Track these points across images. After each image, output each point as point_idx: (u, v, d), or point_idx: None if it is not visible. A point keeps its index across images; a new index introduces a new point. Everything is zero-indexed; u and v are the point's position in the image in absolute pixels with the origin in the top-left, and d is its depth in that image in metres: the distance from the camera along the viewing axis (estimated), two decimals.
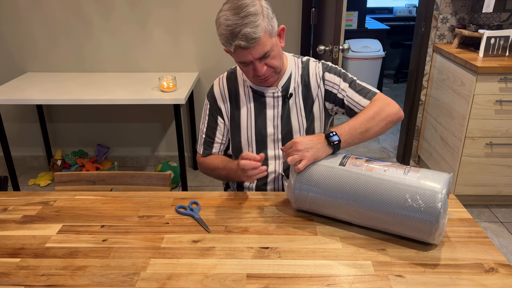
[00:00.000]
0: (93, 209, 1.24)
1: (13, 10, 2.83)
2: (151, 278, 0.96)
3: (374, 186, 1.04)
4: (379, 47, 4.44)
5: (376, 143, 3.71)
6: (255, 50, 1.21)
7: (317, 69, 1.42)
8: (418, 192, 1.00)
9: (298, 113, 1.41)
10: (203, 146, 1.47)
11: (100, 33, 2.89)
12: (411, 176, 1.04)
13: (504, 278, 0.95)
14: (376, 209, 1.04)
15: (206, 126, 1.46)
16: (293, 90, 1.40)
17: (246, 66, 1.27)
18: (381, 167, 1.08)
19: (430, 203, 0.98)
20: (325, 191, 1.10)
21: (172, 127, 3.17)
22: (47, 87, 2.65)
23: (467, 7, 2.79)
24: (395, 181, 1.03)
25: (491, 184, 2.58)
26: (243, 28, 1.17)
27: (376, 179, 1.05)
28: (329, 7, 2.34)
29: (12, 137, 3.12)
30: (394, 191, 1.02)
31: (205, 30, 2.87)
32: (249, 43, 1.19)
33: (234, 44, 1.20)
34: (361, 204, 1.06)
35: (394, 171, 1.06)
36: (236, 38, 1.19)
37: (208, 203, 1.27)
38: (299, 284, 0.94)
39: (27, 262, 1.02)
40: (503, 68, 2.31)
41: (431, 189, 0.99)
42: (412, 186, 1.01)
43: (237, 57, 1.26)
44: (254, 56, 1.23)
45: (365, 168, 1.08)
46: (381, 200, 1.03)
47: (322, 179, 1.11)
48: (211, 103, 1.44)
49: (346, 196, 1.08)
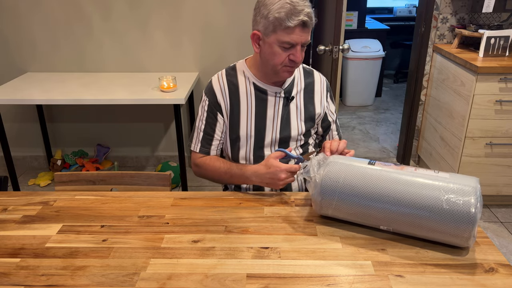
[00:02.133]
0: (93, 209, 1.24)
1: (13, 10, 2.83)
2: (151, 278, 0.96)
3: (402, 187, 1.02)
4: (379, 47, 4.44)
5: (376, 143, 3.71)
6: (307, 33, 1.25)
7: (323, 82, 1.48)
8: (452, 189, 0.98)
9: (298, 116, 1.42)
10: (201, 143, 1.43)
11: (100, 33, 2.89)
12: (443, 174, 1.03)
13: (504, 278, 0.95)
14: (409, 211, 1.00)
15: (205, 122, 1.43)
16: (295, 94, 1.42)
17: (285, 50, 1.27)
18: (411, 168, 1.07)
19: (468, 196, 0.97)
20: (354, 190, 1.05)
21: (172, 127, 3.17)
22: (47, 87, 2.65)
23: (467, 7, 2.79)
24: (427, 180, 1.02)
25: (491, 184, 2.58)
26: (305, 7, 1.21)
27: (405, 179, 1.03)
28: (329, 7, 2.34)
29: (12, 137, 3.12)
30: (424, 193, 1.00)
31: (205, 30, 2.87)
32: (311, 21, 1.23)
33: (298, 19, 1.20)
34: (393, 205, 1.02)
35: (424, 171, 1.05)
36: (301, 14, 1.20)
37: (208, 203, 1.27)
38: (299, 284, 0.94)
39: (27, 262, 1.02)
40: (503, 68, 2.31)
41: (466, 184, 0.99)
42: (445, 184, 1.00)
43: (287, 36, 1.23)
44: (302, 40, 1.25)
45: (395, 168, 1.07)
46: (416, 200, 1.00)
47: (351, 178, 1.06)
48: (210, 99, 1.41)
49: (377, 196, 1.03)
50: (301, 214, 1.20)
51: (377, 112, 4.46)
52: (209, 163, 1.41)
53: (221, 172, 1.38)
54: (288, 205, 1.25)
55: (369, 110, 4.51)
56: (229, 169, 1.36)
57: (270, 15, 1.22)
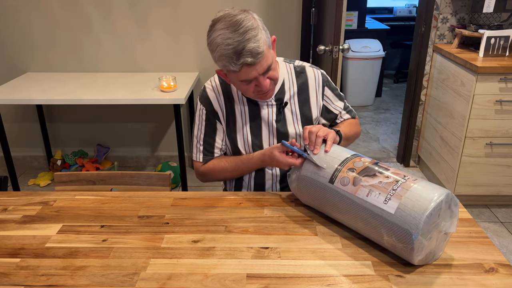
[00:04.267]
0: (93, 209, 1.24)
1: (12, 10, 2.83)
2: (151, 278, 0.96)
3: (355, 210, 1.03)
4: (379, 47, 4.44)
5: (376, 143, 3.71)
6: (260, 65, 1.16)
7: (317, 77, 1.41)
8: (392, 228, 0.95)
9: (294, 120, 1.39)
10: (203, 153, 1.40)
11: (100, 33, 2.89)
12: (392, 204, 0.96)
13: (504, 278, 0.95)
14: (360, 231, 1.07)
15: (204, 132, 1.39)
16: (288, 99, 1.38)
17: (248, 84, 1.22)
18: (366, 189, 1.02)
19: (405, 243, 0.94)
20: (317, 201, 1.16)
21: (172, 127, 3.17)
22: (47, 87, 2.65)
23: (467, 7, 2.79)
24: (373, 211, 0.99)
25: (491, 184, 2.58)
26: (246, 44, 1.12)
27: (356, 204, 1.03)
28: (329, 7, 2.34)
29: (12, 137, 3.12)
30: (371, 222, 1.00)
31: (205, 30, 2.85)
32: (256, 58, 1.14)
33: (240, 63, 1.13)
34: (346, 221, 1.09)
35: (376, 196, 0.99)
36: (242, 56, 1.12)
37: (208, 203, 1.27)
38: (299, 284, 0.94)
39: (27, 262, 1.02)
40: (503, 68, 2.31)
41: (405, 228, 0.92)
42: (387, 221, 0.96)
43: (241, 76, 1.18)
44: (259, 72, 1.18)
45: (350, 189, 1.05)
46: (361, 226, 1.04)
47: (314, 192, 1.14)
48: (206, 107, 1.37)
49: (333, 209, 1.11)
50: (301, 214, 1.20)
51: (377, 112, 4.46)
52: (214, 168, 1.40)
53: (230, 171, 1.39)
54: (288, 205, 1.25)
55: (369, 110, 4.51)
56: (238, 159, 1.37)
57: (217, 62, 1.20)
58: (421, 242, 0.92)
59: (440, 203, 0.93)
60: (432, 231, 0.94)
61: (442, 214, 0.94)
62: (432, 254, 0.98)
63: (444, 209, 0.94)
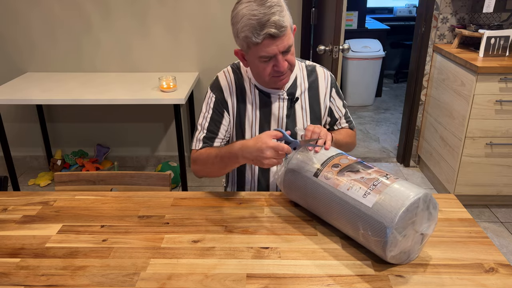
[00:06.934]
0: (93, 209, 1.24)
1: (12, 10, 2.83)
2: (151, 278, 0.96)
3: (335, 204, 1.04)
4: (379, 47, 4.44)
5: (376, 143, 3.71)
6: (281, 41, 1.18)
7: (327, 78, 1.44)
8: (369, 222, 0.96)
9: (304, 116, 1.41)
10: (203, 141, 1.36)
11: (100, 33, 2.89)
12: (370, 198, 0.98)
13: (504, 278, 0.95)
14: (339, 226, 1.08)
15: (209, 120, 1.36)
16: (299, 95, 1.39)
17: (267, 62, 1.22)
18: (347, 183, 1.03)
19: (379, 236, 0.94)
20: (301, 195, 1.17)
21: (172, 127, 3.17)
22: (47, 87, 2.65)
23: (467, 7, 2.79)
24: (352, 204, 1.00)
25: (491, 184, 2.58)
26: (271, 16, 1.14)
27: (337, 197, 1.04)
28: (329, 7, 2.34)
29: (12, 137, 3.12)
30: (349, 216, 1.01)
31: (205, 30, 2.87)
32: (280, 30, 1.16)
33: (264, 33, 1.14)
34: (326, 216, 1.10)
35: (356, 190, 1.01)
36: (265, 27, 1.14)
37: (208, 203, 1.27)
38: (299, 284, 0.94)
39: (27, 262, 1.02)
40: (503, 68, 2.31)
41: (381, 221, 0.94)
42: (365, 214, 0.97)
43: (261, 51, 1.19)
44: (280, 49, 1.19)
45: (332, 183, 1.06)
46: (340, 220, 1.05)
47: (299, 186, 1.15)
48: (217, 96, 1.36)
49: (316, 203, 1.12)
50: (301, 214, 1.20)
51: (377, 112, 4.46)
52: (203, 153, 1.33)
53: (212, 158, 1.28)
54: (288, 205, 1.25)
55: (369, 110, 4.51)
56: (219, 151, 1.27)
57: (239, 34, 1.20)
58: (395, 237, 0.93)
59: (417, 201, 0.94)
60: (407, 228, 0.95)
61: (419, 213, 0.96)
62: (406, 254, 0.99)
63: (422, 208, 0.96)
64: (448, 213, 1.19)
